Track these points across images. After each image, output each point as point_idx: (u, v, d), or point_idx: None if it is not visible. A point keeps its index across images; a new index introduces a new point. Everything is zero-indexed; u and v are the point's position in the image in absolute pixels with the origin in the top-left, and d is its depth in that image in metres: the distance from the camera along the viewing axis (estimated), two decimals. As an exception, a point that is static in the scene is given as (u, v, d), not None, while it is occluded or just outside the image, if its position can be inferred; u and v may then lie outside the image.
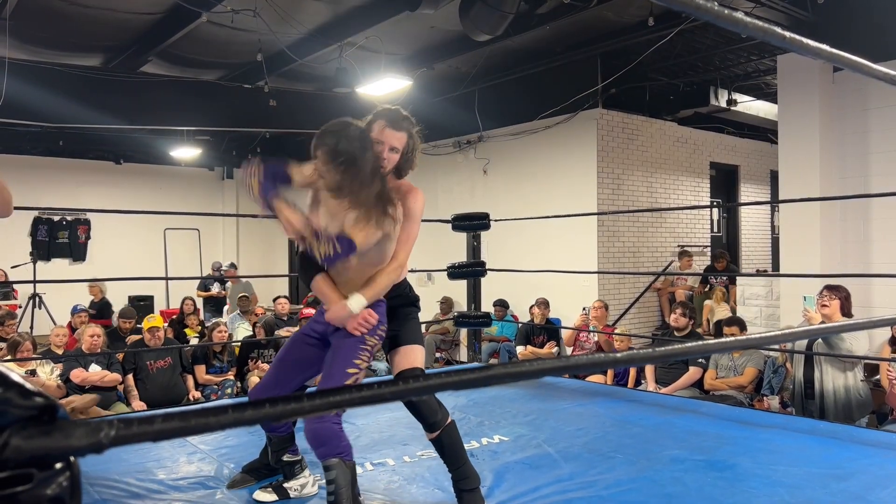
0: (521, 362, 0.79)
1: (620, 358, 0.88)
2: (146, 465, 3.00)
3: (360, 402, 0.71)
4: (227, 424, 0.65)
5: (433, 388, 0.82)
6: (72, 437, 0.57)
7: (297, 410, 0.68)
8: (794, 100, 6.45)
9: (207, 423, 0.64)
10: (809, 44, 1.15)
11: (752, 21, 1.04)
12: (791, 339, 2.49)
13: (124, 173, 12.79)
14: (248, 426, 0.65)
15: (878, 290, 6.02)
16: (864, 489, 2.66)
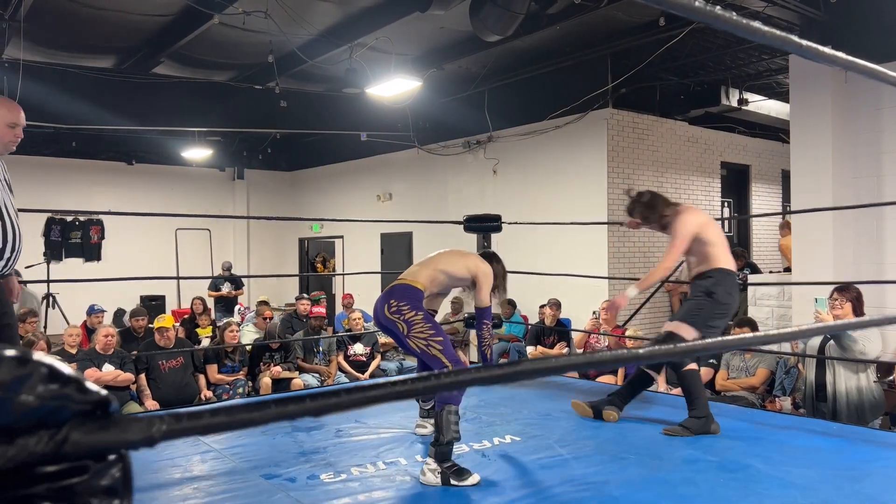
0: (546, 359, 0.80)
1: (642, 354, 0.89)
2: (160, 464, 3.02)
3: (392, 396, 0.73)
4: (271, 418, 0.66)
5: (464, 383, 0.83)
6: (127, 431, 0.59)
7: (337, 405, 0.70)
8: (806, 99, 6.41)
9: (252, 417, 0.66)
10: (796, 41, 1.15)
11: (748, 22, 1.05)
12: (795, 338, 2.48)
13: (136, 174, 12.89)
14: (291, 419, 0.66)
15: (893, 290, 5.97)
16: (878, 491, 2.65)
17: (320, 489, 2.68)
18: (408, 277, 3.14)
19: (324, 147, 13.13)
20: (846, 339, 4.18)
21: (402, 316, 2.92)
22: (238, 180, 14.35)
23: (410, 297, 3.00)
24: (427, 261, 3.28)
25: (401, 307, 2.92)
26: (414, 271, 3.20)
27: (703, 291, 3.50)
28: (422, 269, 3.20)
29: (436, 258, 3.29)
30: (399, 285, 3.08)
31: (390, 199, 12.01)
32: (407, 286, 3.06)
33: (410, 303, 2.96)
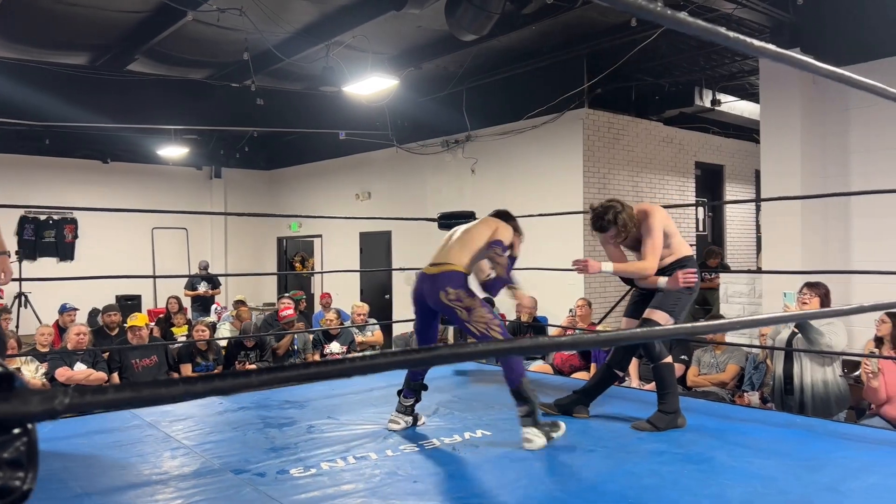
0: (464, 344, 0.83)
1: (564, 341, 0.91)
2: (129, 461, 3.02)
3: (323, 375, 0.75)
4: (178, 397, 0.68)
5: (391, 366, 0.85)
6: (28, 403, 0.60)
7: (247, 384, 0.72)
8: (775, 100, 6.53)
9: (159, 394, 0.67)
10: (753, 43, 1.20)
11: (696, 21, 1.09)
12: (763, 324, 2.55)
13: (112, 172, 12.75)
14: (197, 398, 0.68)
15: (859, 287, 6.10)
16: (836, 481, 2.72)
17: (289, 483, 2.70)
18: (452, 262, 3.29)
19: (302, 146, 13.09)
20: (813, 333, 4.27)
21: (461, 303, 3.18)
22: (215, 179, 14.25)
23: (462, 283, 3.25)
24: (458, 241, 3.40)
25: (459, 295, 3.19)
26: (453, 254, 3.33)
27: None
28: (459, 251, 3.33)
29: (465, 238, 3.40)
30: (447, 272, 3.25)
31: (369, 198, 12.01)
32: (455, 273, 3.25)
33: (465, 289, 3.23)
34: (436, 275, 3.26)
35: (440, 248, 3.45)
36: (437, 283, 3.23)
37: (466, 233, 3.42)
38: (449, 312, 3.23)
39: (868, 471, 2.84)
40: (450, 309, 3.20)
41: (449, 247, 3.39)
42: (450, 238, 3.49)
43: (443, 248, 3.43)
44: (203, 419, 3.78)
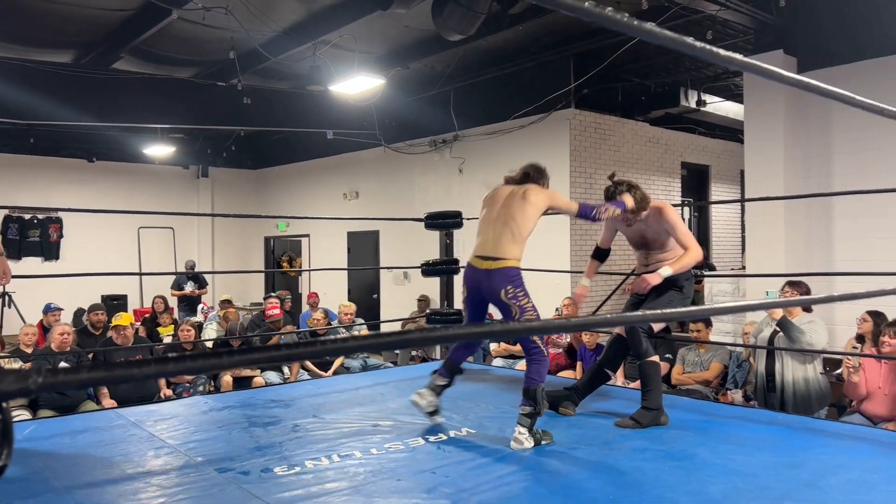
0: (436, 328, 0.84)
1: (549, 325, 0.93)
2: (113, 460, 3.01)
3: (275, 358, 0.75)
4: (150, 375, 0.69)
5: (353, 348, 0.86)
6: (2, 382, 0.60)
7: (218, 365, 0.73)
8: (759, 101, 6.59)
9: (131, 373, 0.68)
10: (720, 52, 1.21)
11: (662, 31, 1.10)
12: (745, 310, 2.57)
13: (97, 171, 12.66)
14: (170, 377, 0.69)
15: (841, 287, 6.16)
16: (814, 476, 2.76)
17: (273, 482, 2.70)
18: (507, 256, 3.25)
19: (289, 145, 13.06)
20: (794, 332, 4.32)
21: (517, 302, 3.22)
22: (202, 178, 14.18)
23: (520, 280, 3.27)
24: (506, 229, 3.28)
25: (517, 294, 3.23)
26: (506, 247, 3.26)
27: (675, 286, 3.67)
28: (511, 242, 3.26)
29: (513, 226, 3.28)
30: (506, 269, 3.23)
31: (357, 197, 12.00)
32: (512, 269, 3.24)
33: (523, 289, 3.25)
34: (494, 270, 3.24)
35: (487, 235, 3.33)
36: (498, 279, 3.23)
37: (512, 219, 3.29)
38: (504, 308, 3.28)
39: (847, 467, 2.88)
40: (507, 306, 3.24)
41: (499, 236, 3.29)
42: (492, 221, 3.36)
43: (491, 234, 3.31)
44: (188, 418, 3.77)
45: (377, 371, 6.29)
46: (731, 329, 6.80)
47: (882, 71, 6.00)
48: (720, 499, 2.51)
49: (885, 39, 6.02)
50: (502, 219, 3.32)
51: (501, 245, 3.26)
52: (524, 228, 3.29)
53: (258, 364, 0.73)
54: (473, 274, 3.33)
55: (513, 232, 3.27)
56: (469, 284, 3.40)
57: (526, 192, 3.37)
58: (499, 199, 3.41)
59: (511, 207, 3.33)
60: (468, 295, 3.43)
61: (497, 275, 3.23)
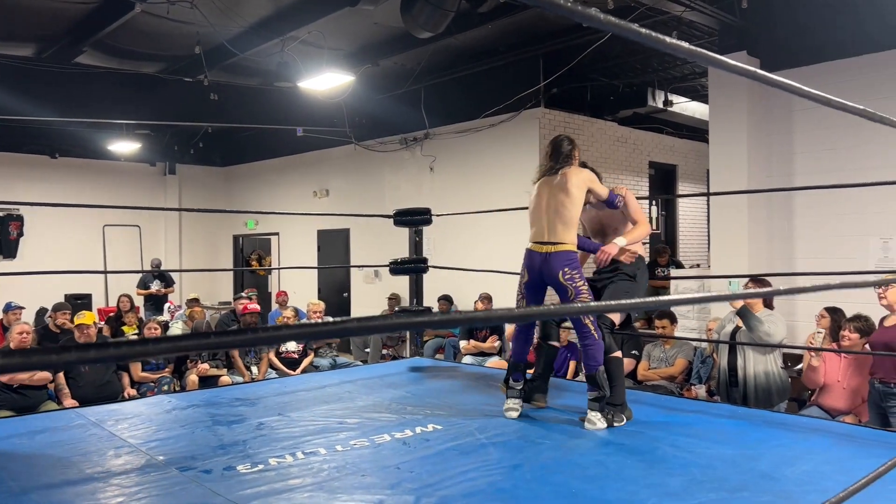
0: (377, 317, 0.85)
1: (500, 314, 0.94)
2: (72, 460, 2.95)
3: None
4: (90, 360, 0.68)
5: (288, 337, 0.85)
6: None
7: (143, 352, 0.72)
8: (723, 101, 6.70)
9: (47, 360, 0.67)
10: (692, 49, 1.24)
11: (609, 18, 1.12)
12: (706, 301, 2.60)
13: (60, 168, 12.39)
14: (90, 363, 0.68)
15: (802, 283, 6.30)
16: (771, 468, 2.82)
17: (235, 480, 2.68)
18: (565, 240, 3.52)
19: (259, 142, 12.93)
20: (753, 321, 4.41)
21: (573, 283, 3.48)
22: (170, 175, 13.96)
23: (577, 263, 3.55)
24: (558, 216, 3.54)
25: (574, 276, 3.48)
26: (561, 232, 3.52)
27: (628, 275, 3.77)
28: (565, 229, 3.52)
29: (563, 213, 3.53)
30: (564, 252, 3.51)
31: (327, 195, 11.93)
32: (570, 252, 3.52)
33: (579, 272, 3.53)
34: (553, 253, 3.51)
35: (541, 223, 3.58)
36: (557, 261, 3.50)
37: (562, 206, 3.54)
38: (561, 290, 3.51)
39: (803, 458, 2.95)
40: (563, 287, 3.48)
41: (553, 224, 3.54)
42: (543, 206, 3.59)
43: (545, 222, 3.56)
44: (150, 417, 3.72)
45: (346, 369, 6.26)
46: (696, 325, 6.91)
47: (841, 73, 6.15)
48: (679, 491, 2.56)
49: (844, 43, 6.16)
50: (553, 207, 3.57)
51: (556, 232, 3.54)
52: (573, 214, 3.56)
53: (181, 351, 0.72)
54: (533, 257, 3.59)
55: (564, 219, 3.54)
56: (529, 267, 3.63)
57: (565, 181, 3.58)
58: (543, 193, 3.65)
59: (557, 197, 3.58)
60: (528, 278, 3.65)
61: (555, 257, 3.51)
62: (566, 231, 3.54)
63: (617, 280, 3.79)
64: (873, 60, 6.03)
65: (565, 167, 3.64)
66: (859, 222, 6.13)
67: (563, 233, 3.53)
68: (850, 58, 6.14)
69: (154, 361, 6.15)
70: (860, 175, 5.61)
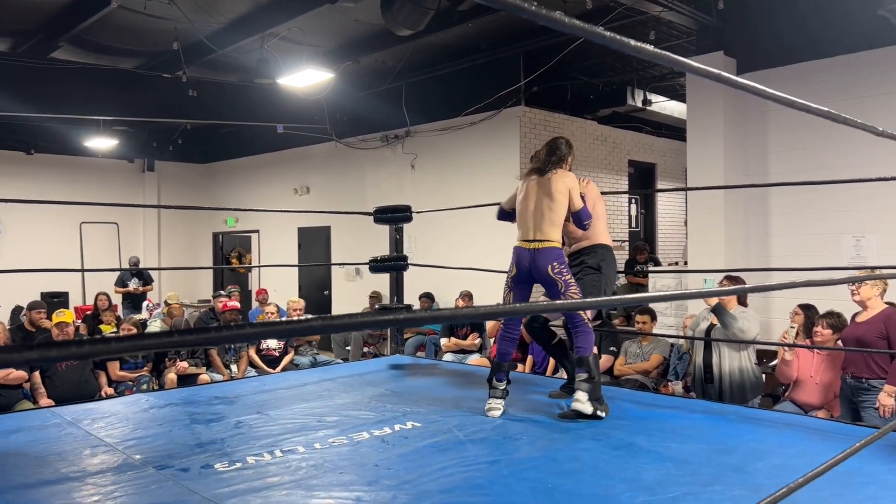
0: (340, 316, 0.86)
1: (480, 311, 0.95)
2: (46, 459, 2.93)
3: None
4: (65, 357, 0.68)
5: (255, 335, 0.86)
6: None
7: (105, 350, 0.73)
8: (700, 101, 6.78)
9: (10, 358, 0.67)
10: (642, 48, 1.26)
11: (570, 20, 1.14)
12: (683, 298, 2.64)
13: (36, 164, 12.22)
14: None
15: (777, 280, 6.41)
16: (743, 462, 2.87)
17: (213, 478, 2.67)
18: (551, 238, 3.64)
19: (239, 139, 12.84)
20: (727, 317, 4.49)
21: (562, 277, 3.59)
22: (148, 172, 13.83)
23: (564, 258, 3.66)
24: (546, 217, 3.65)
25: (562, 270, 3.60)
26: (548, 230, 3.63)
27: (593, 268, 3.84)
28: (551, 227, 3.64)
29: (549, 214, 3.64)
30: (551, 248, 3.63)
31: (308, 192, 11.89)
32: (556, 248, 3.63)
33: (567, 266, 3.64)
34: (542, 249, 3.62)
35: (528, 224, 3.68)
36: (545, 256, 3.61)
37: (548, 209, 3.65)
38: (550, 284, 3.61)
39: (774, 452, 3.01)
40: (553, 281, 3.59)
41: (539, 223, 3.66)
42: (531, 208, 3.69)
43: (532, 223, 3.67)
44: (127, 416, 3.69)
45: (326, 367, 6.26)
46: (673, 322, 6.99)
47: (817, 73, 6.25)
48: (653, 485, 2.60)
49: (819, 44, 6.26)
50: (539, 209, 3.69)
51: (543, 230, 3.65)
52: (559, 215, 3.67)
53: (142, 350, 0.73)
54: (522, 253, 3.69)
55: (550, 219, 3.66)
56: (518, 262, 3.72)
57: (550, 186, 3.69)
58: (531, 193, 3.74)
59: (542, 200, 3.69)
60: (516, 273, 3.73)
61: (543, 253, 3.62)
62: (552, 230, 3.65)
63: (583, 276, 3.85)
64: (848, 61, 6.13)
65: (555, 170, 3.71)
66: (833, 221, 6.24)
67: (550, 231, 3.65)
68: (826, 58, 6.24)
69: (132, 360, 6.10)
70: (832, 174, 5.71)
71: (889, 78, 5.93)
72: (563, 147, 3.79)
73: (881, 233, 5.96)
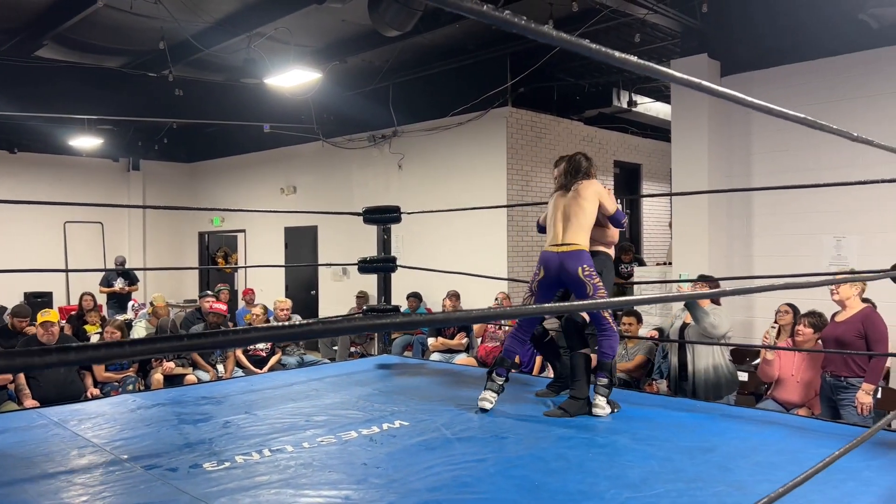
0: (337, 319, 0.89)
1: (464, 315, 0.98)
2: (34, 460, 2.92)
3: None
4: (53, 364, 0.70)
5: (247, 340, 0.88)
6: None
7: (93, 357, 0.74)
8: (685, 103, 6.85)
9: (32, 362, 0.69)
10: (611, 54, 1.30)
11: (525, 20, 1.17)
12: (660, 301, 2.67)
13: (19, 163, 12.11)
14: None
15: (758, 282, 6.49)
16: (725, 459, 2.92)
17: (202, 477, 2.68)
18: (580, 243, 3.69)
19: (225, 138, 12.79)
20: (699, 312, 4.56)
21: (592, 279, 3.63)
22: (133, 171, 13.74)
23: (592, 262, 3.70)
24: (575, 222, 3.71)
25: (592, 273, 3.64)
26: (576, 235, 3.69)
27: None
28: (578, 232, 3.70)
29: (580, 220, 3.70)
30: (581, 251, 3.68)
31: (294, 192, 11.87)
32: (584, 251, 3.68)
33: (595, 269, 3.68)
34: (569, 252, 3.68)
35: (558, 229, 3.74)
36: (575, 259, 3.66)
37: (574, 216, 3.72)
38: (580, 286, 3.65)
39: (756, 450, 3.06)
40: (582, 283, 3.63)
41: (567, 226, 3.72)
42: (561, 215, 3.76)
43: (561, 225, 3.72)
44: (114, 417, 3.69)
45: (314, 367, 6.26)
46: (659, 323, 7.06)
47: (800, 75, 6.34)
48: (637, 482, 2.64)
49: (801, 47, 6.36)
50: (566, 216, 3.76)
51: (570, 234, 3.71)
52: (588, 221, 3.74)
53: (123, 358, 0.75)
54: (551, 257, 3.74)
55: (578, 224, 3.72)
56: (546, 265, 3.76)
57: (577, 193, 3.76)
58: (559, 204, 3.82)
59: (570, 208, 3.76)
60: (544, 276, 3.77)
61: (572, 256, 3.67)
62: (579, 234, 3.71)
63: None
64: (829, 64, 6.23)
65: (580, 181, 3.80)
66: (814, 222, 6.33)
67: (577, 235, 3.70)
68: (808, 61, 6.33)
69: (119, 362, 6.07)
70: (814, 175, 5.80)
71: (869, 81, 6.03)
72: (583, 162, 3.88)
73: (861, 233, 6.06)
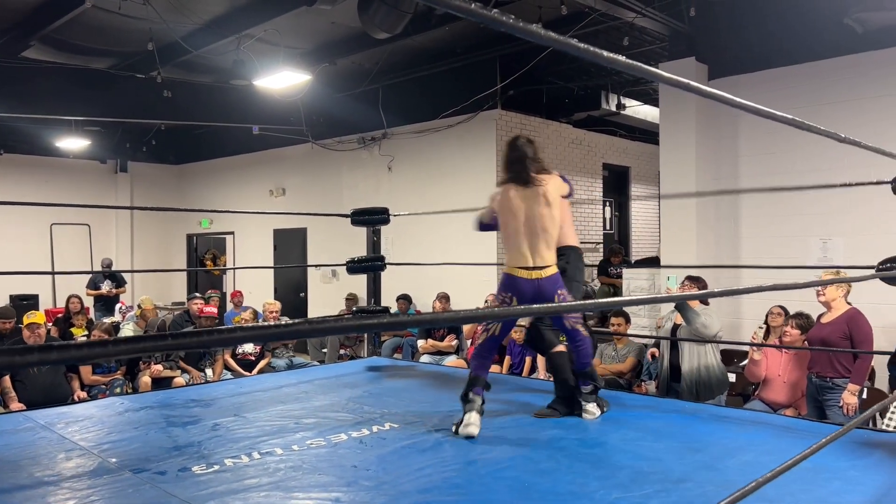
0: (325, 318, 0.89)
1: (458, 315, 0.99)
2: (20, 464, 2.90)
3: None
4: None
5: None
6: None
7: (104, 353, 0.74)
8: (673, 106, 6.90)
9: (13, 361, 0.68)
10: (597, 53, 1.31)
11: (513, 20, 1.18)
12: (650, 303, 2.70)
13: (6, 165, 12.00)
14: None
15: (746, 282, 6.54)
16: (714, 459, 2.94)
17: (191, 480, 2.67)
18: (550, 263, 3.49)
19: (214, 140, 12.74)
20: (690, 313, 4.59)
21: (565, 300, 3.52)
22: (121, 173, 13.65)
23: (562, 283, 3.54)
24: (542, 239, 3.43)
25: (565, 296, 3.51)
26: (545, 255, 3.46)
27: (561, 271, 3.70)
28: (547, 249, 3.46)
29: (545, 236, 3.44)
30: (556, 274, 3.50)
31: (284, 194, 11.84)
32: (558, 272, 3.52)
33: (565, 289, 3.54)
34: (545, 279, 3.46)
35: (523, 247, 3.43)
36: (551, 284, 3.47)
37: (543, 230, 3.42)
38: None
39: (744, 449, 3.09)
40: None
41: (536, 246, 3.43)
42: (521, 229, 3.43)
43: (526, 246, 3.42)
44: (102, 420, 3.66)
45: (303, 369, 6.24)
46: (647, 323, 7.10)
47: (787, 79, 6.40)
48: (627, 483, 2.65)
49: (788, 51, 6.42)
50: (532, 229, 3.44)
51: (542, 254, 3.46)
52: (555, 233, 3.49)
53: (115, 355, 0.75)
54: (524, 284, 3.45)
55: (547, 241, 3.46)
56: (519, 294, 3.47)
57: (546, 198, 3.44)
58: (520, 207, 3.45)
59: (536, 212, 3.42)
60: (517, 304, 3.49)
61: (548, 282, 3.47)
62: (550, 252, 3.47)
63: None
64: (815, 68, 6.29)
65: (540, 175, 3.46)
66: (801, 223, 6.39)
67: (548, 254, 3.46)
68: (794, 65, 6.40)
69: (105, 363, 6.03)
70: (800, 177, 5.86)
71: (854, 84, 6.10)
72: (529, 147, 3.50)
73: (847, 235, 6.12)
